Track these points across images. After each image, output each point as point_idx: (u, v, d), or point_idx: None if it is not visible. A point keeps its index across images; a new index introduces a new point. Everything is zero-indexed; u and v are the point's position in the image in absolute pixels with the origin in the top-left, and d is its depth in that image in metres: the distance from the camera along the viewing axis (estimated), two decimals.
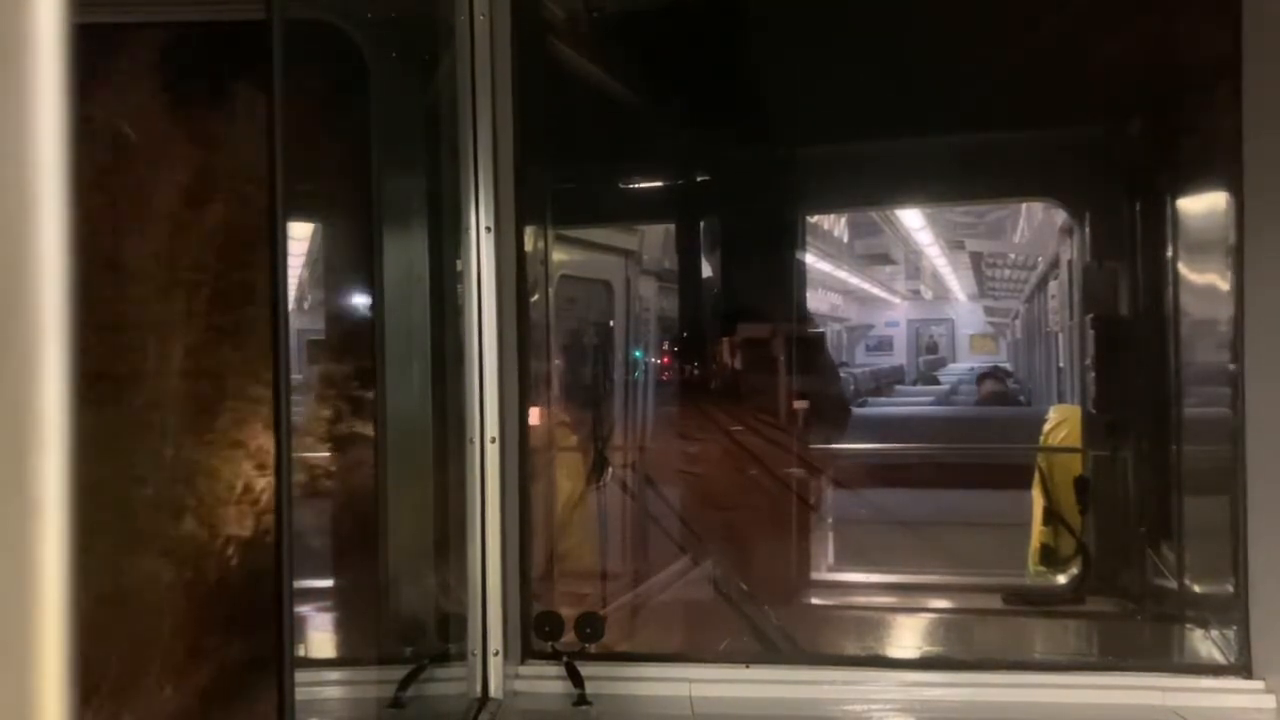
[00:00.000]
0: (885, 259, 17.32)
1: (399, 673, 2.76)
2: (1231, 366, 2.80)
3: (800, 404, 5.25)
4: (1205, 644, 3.06)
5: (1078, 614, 4.14)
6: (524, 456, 2.92)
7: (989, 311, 19.22)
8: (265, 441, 2.05)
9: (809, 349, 5.47)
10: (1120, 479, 4.15)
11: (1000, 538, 5.07)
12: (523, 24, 2.92)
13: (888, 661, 3.27)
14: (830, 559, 5.34)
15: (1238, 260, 2.75)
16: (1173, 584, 3.50)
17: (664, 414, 5.75)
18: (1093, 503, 4.30)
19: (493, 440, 2.80)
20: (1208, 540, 3.16)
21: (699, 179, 5.23)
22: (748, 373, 5.42)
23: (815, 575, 4.99)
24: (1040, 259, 10.77)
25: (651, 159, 4.99)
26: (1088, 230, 4.68)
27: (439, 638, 2.99)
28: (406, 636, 2.93)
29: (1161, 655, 3.49)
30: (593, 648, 2.89)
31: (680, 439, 5.47)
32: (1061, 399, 7.10)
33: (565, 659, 2.83)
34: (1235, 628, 2.76)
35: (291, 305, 2.97)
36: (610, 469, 4.68)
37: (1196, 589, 3.31)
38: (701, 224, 5.28)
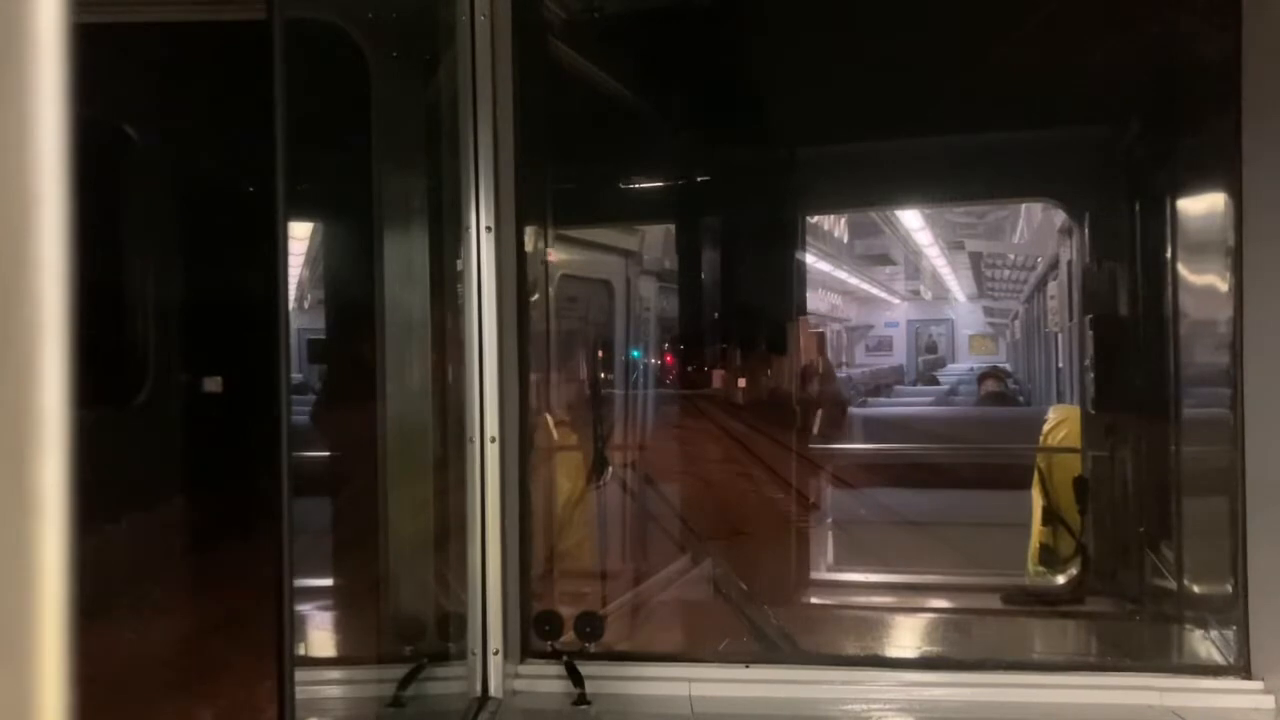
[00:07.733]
0: (885, 259, 17.33)
1: (399, 671, 2.76)
2: (1231, 367, 2.79)
3: (800, 402, 5.25)
4: (1204, 644, 3.06)
5: (1077, 614, 4.13)
6: (524, 456, 2.92)
7: (988, 312, 19.20)
8: None
9: (809, 348, 5.47)
10: (1120, 479, 4.15)
11: (1000, 538, 5.06)
12: (523, 24, 2.92)
13: (888, 661, 3.26)
14: (830, 558, 5.34)
15: (1237, 261, 2.74)
16: (1172, 584, 3.50)
17: (664, 415, 5.75)
18: (1092, 503, 4.29)
19: (493, 440, 2.79)
20: (1207, 540, 3.16)
21: (699, 179, 5.23)
22: (748, 372, 5.42)
23: (815, 575, 4.99)
24: (1040, 259, 10.76)
25: (651, 159, 4.99)
26: (1087, 230, 4.68)
27: (439, 637, 2.99)
28: (406, 635, 2.93)
29: (1160, 655, 3.49)
30: (592, 647, 2.89)
31: (679, 440, 5.46)
32: (1061, 399, 7.10)
33: (565, 658, 2.83)
34: (1234, 628, 2.76)
35: (291, 304, 2.97)
36: (610, 468, 4.68)
37: (1196, 589, 3.31)
38: (701, 224, 5.28)
